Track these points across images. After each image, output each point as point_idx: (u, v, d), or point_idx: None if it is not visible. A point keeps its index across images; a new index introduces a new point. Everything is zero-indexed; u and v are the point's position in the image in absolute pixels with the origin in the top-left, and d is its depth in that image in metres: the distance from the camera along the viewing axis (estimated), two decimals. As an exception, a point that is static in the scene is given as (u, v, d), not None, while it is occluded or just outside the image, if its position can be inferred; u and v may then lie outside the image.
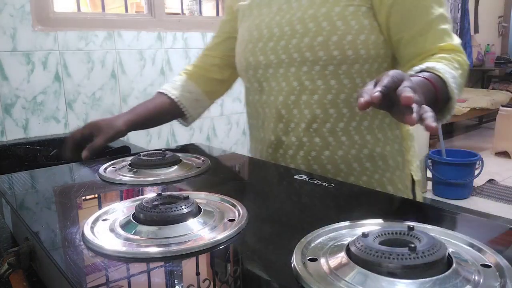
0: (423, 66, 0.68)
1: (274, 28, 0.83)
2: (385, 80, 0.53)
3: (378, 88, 0.51)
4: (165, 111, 1.00)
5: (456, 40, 0.77)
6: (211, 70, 1.04)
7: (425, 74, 0.66)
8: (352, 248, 0.40)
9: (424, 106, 0.52)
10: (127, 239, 0.48)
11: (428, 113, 0.50)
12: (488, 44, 5.81)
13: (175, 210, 0.51)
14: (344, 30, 0.76)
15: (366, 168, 0.83)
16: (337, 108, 0.80)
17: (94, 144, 0.88)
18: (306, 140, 0.83)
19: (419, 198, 0.92)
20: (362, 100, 0.51)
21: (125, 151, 1.21)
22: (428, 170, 3.31)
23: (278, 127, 0.86)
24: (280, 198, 0.65)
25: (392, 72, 0.55)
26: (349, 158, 0.82)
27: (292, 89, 0.83)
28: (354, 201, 0.64)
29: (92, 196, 0.68)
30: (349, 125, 0.81)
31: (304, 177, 0.71)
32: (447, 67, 0.69)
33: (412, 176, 0.89)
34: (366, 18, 0.76)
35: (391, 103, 0.54)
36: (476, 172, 3.15)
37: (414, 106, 0.50)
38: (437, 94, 0.65)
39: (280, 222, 0.56)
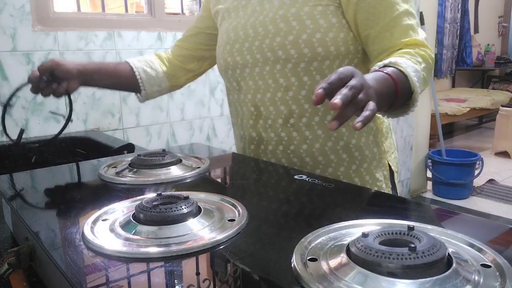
0: (386, 61, 0.71)
1: (249, 30, 0.87)
2: (331, 77, 0.54)
3: (322, 85, 0.53)
4: (121, 75, 1.04)
5: (421, 35, 0.80)
6: (177, 59, 1.10)
7: (388, 69, 0.68)
8: (352, 248, 0.40)
9: (370, 103, 0.53)
10: (127, 239, 0.48)
11: (366, 113, 0.52)
12: (488, 44, 5.81)
13: (175, 210, 0.51)
14: (313, 28, 0.80)
15: (343, 159, 0.86)
16: (311, 103, 0.83)
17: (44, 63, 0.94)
18: (284, 135, 0.87)
19: (398, 188, 0.96)
20: (313, 97, 0.52)
21: (130, 149, 1.21)
22: (428, 170, 3.31)
23: (259, 124, 0.90)
24: (280, 198, 0.65)
25: (341, 69, 0.55)
26: (326, 150, 0.86)
27: (267, 86, 0.86)
28: (354, 201, 0.64)
29: (92, 196, 0.68)
30: (324, 119, 0.85)
31: (304, 177, 0.71)
32: (410, 61, 0.71)
33: (390, 166, 0.92)
34: (334, 16, 0.80)
35: None
36: (476, 172, 3.15)
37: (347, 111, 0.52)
38: (397, 88, 0.67)
39: (280, 222, 0.56)
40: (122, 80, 1.04)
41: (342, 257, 0.41)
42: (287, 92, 0.85)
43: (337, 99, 0.50)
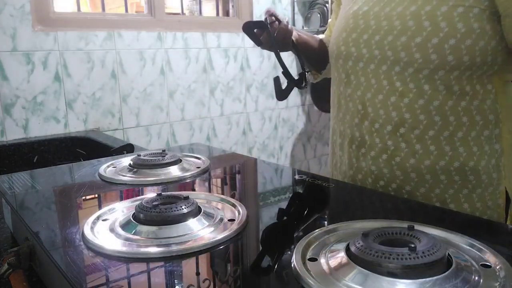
0: None
1: (371, 20, 0.78)
2: None
3: None
4: (318, 47, 1.01)
5: None
6: None
7: None
8: (352, 248, 0.40)
9: None
10: (127, 239, 0.48)
11: None
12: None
13: (175, 210, 0.51)
14: (447, 32, 0.70)
15: (455, 182, 0.76)
16: (428, 114, 0.74)
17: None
18: (391, 144, 0.78)
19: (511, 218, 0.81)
20: None
21: (129, 149, 1.21)
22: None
23: (363, 125, 0.81)
24: (280, 198, 0.66)
25: None
26: (437, 169, 0.76)
27: (381, 87, 0.78)
28: (354, 201, 0.64)
29: (92, 196, 0.68)
30: (440, 134, 0.75)
31: (304, 177, 0.71)
32: None
33: (507, 193, 0.79)
34: (477, 21, 0.69)
35: None
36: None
37: None
38: None
39: (280, 222, 0.56)
40: (317, 51, 1.00)
41: (342, 257, 0.41)
42: (402, 98, 0.75)
43: None
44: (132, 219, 0.52)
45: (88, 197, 0.67)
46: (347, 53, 0.82)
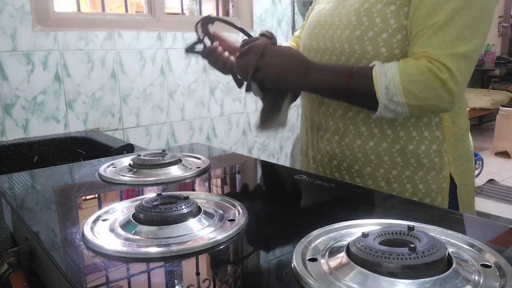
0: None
1: (327, 17, 0.89)
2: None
3: None
4: None
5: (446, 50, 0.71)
6: None
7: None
8: (352, 248, 0.40)
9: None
10: (127, 239, 0.48)
11: None
12: (488, 44, 5.81)
13: (175, 210, 0.51)
14: (381, 27, 0.78)
15: (397, 163, 0.84)
16: None
17: None
18: (341, 126, 0.87)
19: (464, 204, 0.87)
20: None
21: (129, 149, 1.21)
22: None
23: (320, 109, 0.90)
24: (280, 198, 0.65)
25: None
26: (380, 150, 0.84)
27: None
28: (354, 201, 0.64)
29: (92, 196, 0.68)
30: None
31: (304, 177, 0.71)
32: (392, 66, 0.73)
33: (453, 179, 0.86)
34: (393, 17, 0.77)
35: None
36: (476, 172, 3.15)
37: None
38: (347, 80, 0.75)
39: (280, 222, 0.56)
40: None
41: (342, 257, 0.41)
42: None
43: None
44: (132, 219, 0.52)
45: (88, 197, 0.67)
46: (309, 46, 0.92)
